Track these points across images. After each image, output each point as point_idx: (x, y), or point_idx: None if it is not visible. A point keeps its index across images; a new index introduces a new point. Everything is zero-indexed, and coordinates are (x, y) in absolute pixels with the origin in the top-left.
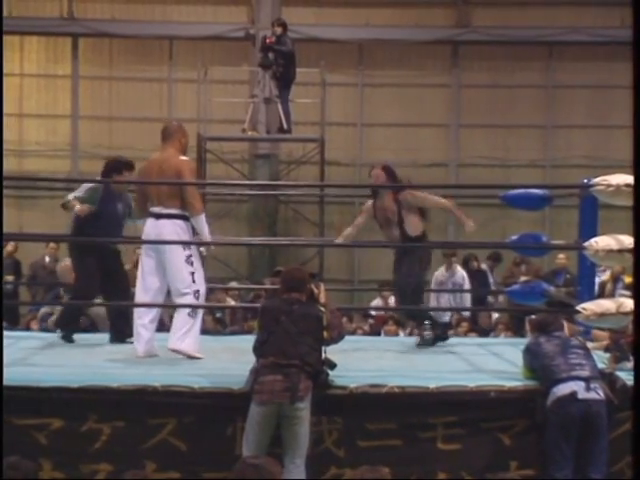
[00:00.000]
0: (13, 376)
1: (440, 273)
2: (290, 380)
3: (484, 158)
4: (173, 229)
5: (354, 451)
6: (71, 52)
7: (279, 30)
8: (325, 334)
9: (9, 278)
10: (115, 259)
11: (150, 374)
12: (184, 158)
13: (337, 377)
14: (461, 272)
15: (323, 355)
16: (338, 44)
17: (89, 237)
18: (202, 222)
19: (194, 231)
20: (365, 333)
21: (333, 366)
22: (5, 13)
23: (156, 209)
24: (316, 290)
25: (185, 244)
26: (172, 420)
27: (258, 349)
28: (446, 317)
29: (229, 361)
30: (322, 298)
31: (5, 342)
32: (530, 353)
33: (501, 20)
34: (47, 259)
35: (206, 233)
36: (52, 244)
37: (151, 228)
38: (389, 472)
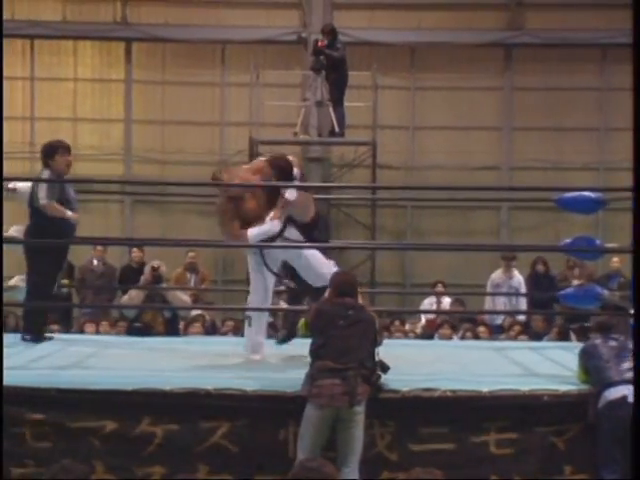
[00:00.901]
0: (67, 379)
1: (497, 275)
2: (349, 384)
3: (537, 161)
4: None
5: (406, 455)
6: (124, 57)
7: (329, 38)
8: (378, 337)
9: (64, 281)
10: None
11: (203, 377)
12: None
13: (390, 381)
14: (518, 276)
15: (377, 358)
16: (390, 47)
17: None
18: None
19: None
20: (417, 336)
21: (387, 369)
22: (59, 18)
23: None
24: None
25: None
26: (225, 423)
27: (315, 353)
28: (499, 320)
29: (281, 364)
30: (360, 300)
31: (59, 345)
32: (586, 354)
33: (554, 22)
34: (95, 262)
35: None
36: (99, 247)
37: None
38: (441, 474)
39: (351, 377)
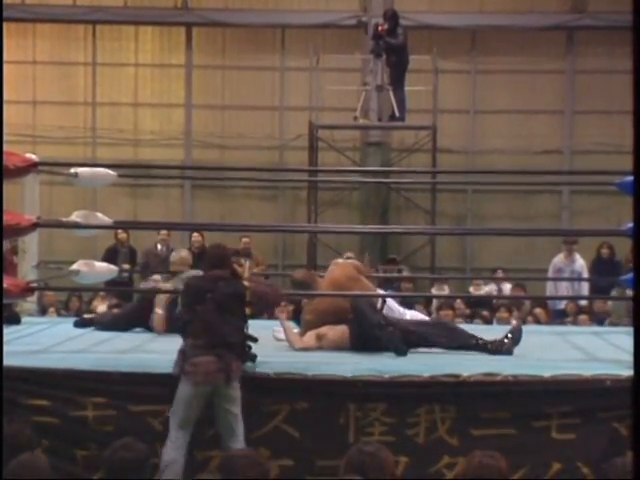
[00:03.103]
0: (129, 362)
1: (559, 260)
2: (223, 360)
3: (599, 144)
4: None
5: (467, 440)
6: (185, 42)
7: (390, 23)
8: (248, 310)
9: (125, 266)
10: None
11: (264, 361)
12: None
13: (450, 365)
14: (581, 261)
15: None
16: (451, 31)
17: None
18: None
19: None
20: (468, 318)
21: (255, 340)
22: (120, 3)
23: None
24: (240, 268)
25: None
26: (285, 407)
27: (184, 329)
28: (561, 304)
29: (341, 349)
30: (246, 274)
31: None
32: None
33: (617, 5)
34: (159, 247)
35: None
36: (164, 232)
37: None
38: (502, 458)
39: (224, 353)
